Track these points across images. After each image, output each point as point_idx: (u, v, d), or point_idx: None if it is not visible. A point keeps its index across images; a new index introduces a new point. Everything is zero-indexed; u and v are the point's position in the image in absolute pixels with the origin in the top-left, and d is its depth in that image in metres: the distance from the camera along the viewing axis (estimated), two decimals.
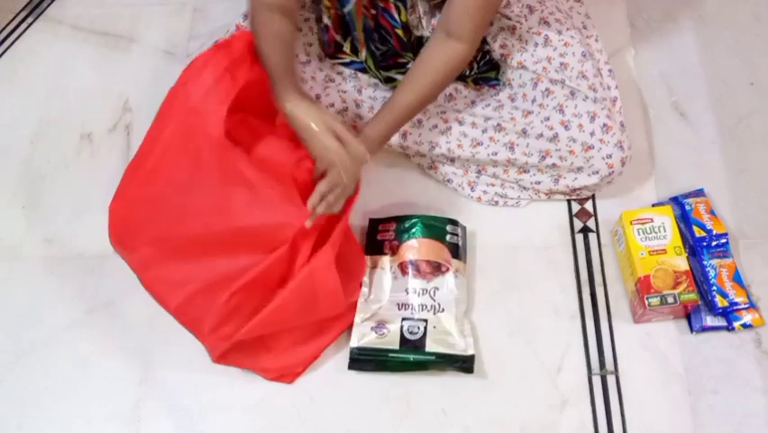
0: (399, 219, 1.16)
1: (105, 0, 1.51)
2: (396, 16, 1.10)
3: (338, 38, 1.17)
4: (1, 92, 1.41)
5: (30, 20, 1.49)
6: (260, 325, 1.04)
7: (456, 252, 1.14)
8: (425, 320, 1.08)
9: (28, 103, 1.26)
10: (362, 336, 1.09)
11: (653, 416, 1.05)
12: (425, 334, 1.07)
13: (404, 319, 1.08)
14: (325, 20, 1.14)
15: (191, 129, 1.02)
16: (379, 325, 1.09)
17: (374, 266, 1.14)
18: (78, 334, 1.14)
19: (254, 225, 1.03)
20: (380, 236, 1.16)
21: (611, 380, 1.08)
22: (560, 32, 1.16)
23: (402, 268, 1.12)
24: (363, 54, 1.16)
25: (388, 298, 1.11)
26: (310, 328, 1.10)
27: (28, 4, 1.52)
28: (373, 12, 1.10)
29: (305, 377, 1.10)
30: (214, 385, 1.10)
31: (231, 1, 1.46)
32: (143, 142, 1.08)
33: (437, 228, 1.14)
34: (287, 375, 1.10)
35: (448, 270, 1.11)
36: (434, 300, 1.09)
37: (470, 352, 1.06)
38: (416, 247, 1.13)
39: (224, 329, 1.04)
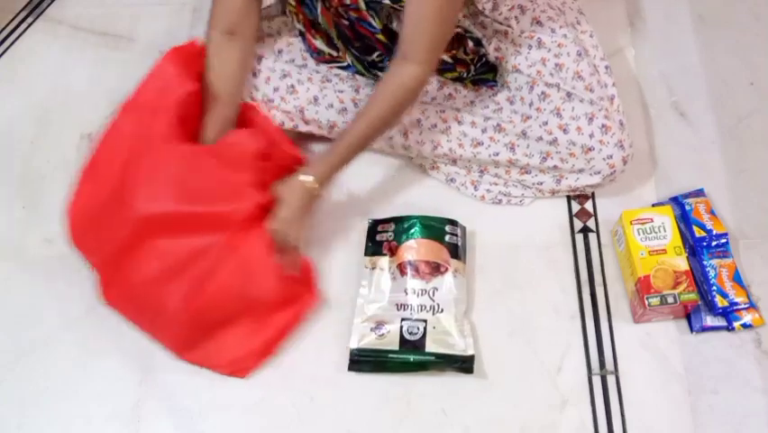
0: (398, 220, 1.16)
1: (105, 0, 1.51)
2: (373, 23, 1.10)
3: (318, 44, 1.17)
4: (1, 92, 1.41)
5: (30, 20, 1.49)
6: (206, 303, 1.05)
7: (455, 252, 1.14)
8: (425, 321, 1.08)
9: (28, 103, 1.27)
10: (362, 336, 1.09)
11: (653, 416, 1.05)
12: (424, 334, 1.07)
13: (403, 320, 1.08)
14: (298, 25, 1.14)
15: (143, 128, 1.07)
16: (379, 325, 1.09)
17: (373, 267, 1.14)
18: (78, 334, 1.14)
19: (208, 210, 1.05)
20: (379, 237, 1.16)
21: (611, 380, 1.08)
22: (553, 32, 1.16)
23: (401, 268, 1.12)
24: (349, 59, 1.16)
25: (388, 298, 1.11)
26: (253, 319, 1.10)
27: (28, 4, 1.52)
28: (346, 22, 1.10)
29: (305, 377, 1.10)
30: (214, 385, 1.10)
31: None
32: (99, 143, 1.12)
33: (436, 229, 1.14)
34: (239, 370, 1.10)
35: (447, 270, 1.11)
36: (434, 301, 1.09)
37: (469, 352, 1.06)
38: (414, 248, 1.13)
39: (181, 306, 1.05)
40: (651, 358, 1.09)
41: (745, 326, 1.09)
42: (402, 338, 1.07)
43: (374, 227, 1.18)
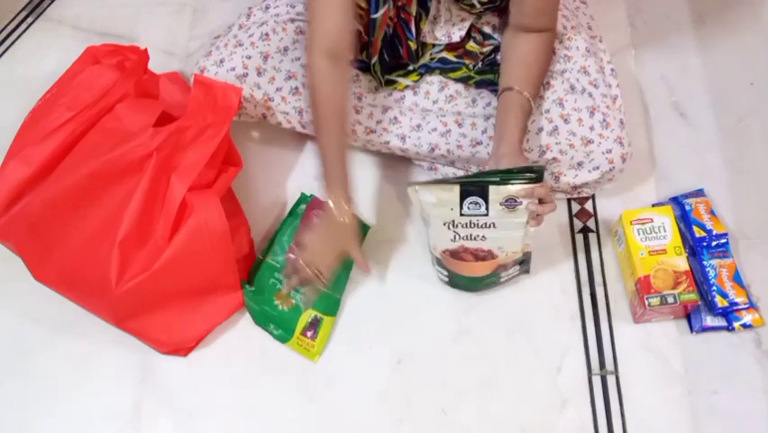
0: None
1: (105, 0, 1.51)
2: (413, 29, 1.10)
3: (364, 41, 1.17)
4: (1, 92, 1.41)
5: (30, 20, 1.49)
6: (157, 276, 1.03)
7: None
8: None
9: (28, 103, 1.26)
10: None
11: (653, 416, 1.05)
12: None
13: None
14: (357, 25, 1.13)
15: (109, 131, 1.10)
16: None
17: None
18: (78, 334, 1.14)
19: (108, 157, 1.05)
20: None
21: (611, 380, 1.08)
22: (565, 27, 1.17)
23: None
24: (374, 60, 1.16)
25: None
26: (199, 297, 1.10)
27: (28, 4, 1.52)
28: (394, 21, 1.10)
29: (304, 377, 1.10)
30: (214, 385, 1.10)
31: (231, 1, 1.46)
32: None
33: None
34: (180, 349, 1.11)
35: None
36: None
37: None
38: None
39: (126, 276, 1.04)
40: (651, 358, 1.09)
41: (745, 326, 1.09)
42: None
43: None
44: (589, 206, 1.22)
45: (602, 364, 1.09)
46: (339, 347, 1.12)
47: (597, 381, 1.08)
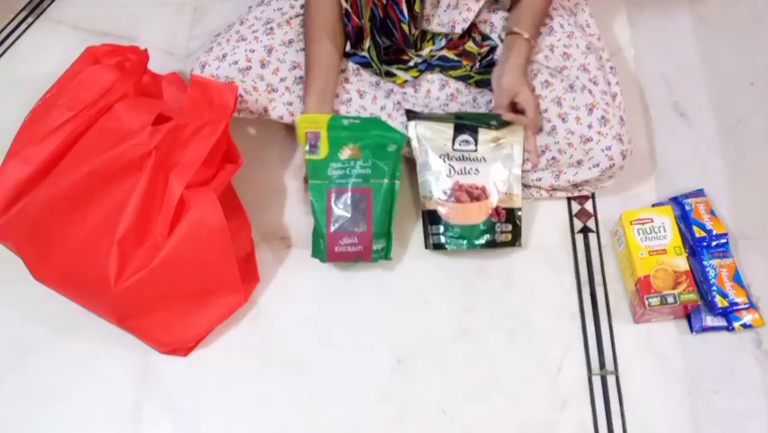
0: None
1: (105, 0, 1.51)
2: (404, 10, 1.10)
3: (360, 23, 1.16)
4: (1, 92, 1.41)
5: (30, 20, 1.49)
6: (156, 274, 1.03)
7: None
8: None
9: (28, 103, 1.26)
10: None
11: (653, 416, 1.05)
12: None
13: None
14: (344, 4, 1.13)
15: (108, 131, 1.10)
16: None
17: None
18: (78, 334, 1.14)
19: (107, 156, 1.05)
20: None
21: (611, 380, 1.08)
22: (562, 26, 1.17)
23: None
24: (367, 44, 1.15)
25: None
26: (199, 296, 1.10)
27: (28, 4, 1.52)
28: (384, 1, 1.10)
29: (304, 376, 1.10)
30: (214, 385, 1.10)
31: (231, 1, 1.46)
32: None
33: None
34: (180, 349, 1.11)
35: None
36: None
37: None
38: None
39: (125, 274, 1.04)
40: (651, 358, 1.09)
41: (745, 326, 1.09)
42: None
43: None
44: (589, 206, 1.22)
45: (602, 364, 1.09)
46: (339, 347, 1.11)
47: (597, 381, 1.08)
